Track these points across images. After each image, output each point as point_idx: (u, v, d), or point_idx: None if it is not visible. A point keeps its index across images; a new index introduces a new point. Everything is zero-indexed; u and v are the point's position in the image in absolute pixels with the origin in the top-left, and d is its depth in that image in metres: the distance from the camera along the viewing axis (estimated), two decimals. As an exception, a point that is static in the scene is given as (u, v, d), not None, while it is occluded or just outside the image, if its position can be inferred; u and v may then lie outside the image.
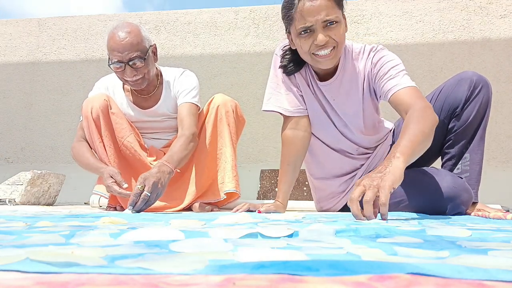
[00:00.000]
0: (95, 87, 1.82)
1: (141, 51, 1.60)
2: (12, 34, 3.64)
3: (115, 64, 1.59)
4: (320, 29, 1.25)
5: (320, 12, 1.23)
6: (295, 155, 1.47)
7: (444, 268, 0.36)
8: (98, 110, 1.66)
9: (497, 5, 3.08)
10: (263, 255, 0.43)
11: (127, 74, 1.60)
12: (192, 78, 1.78)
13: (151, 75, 1.68)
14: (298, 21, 1.27)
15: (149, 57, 1.64)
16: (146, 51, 1.62)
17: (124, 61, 1.58)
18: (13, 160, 3.53)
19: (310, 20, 1.24)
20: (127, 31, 1.59)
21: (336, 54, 1.31)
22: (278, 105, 1.47)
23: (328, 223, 0.84)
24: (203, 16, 3.44)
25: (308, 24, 1.25)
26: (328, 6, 1.23)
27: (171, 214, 1.33)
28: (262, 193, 2.58)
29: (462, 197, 1.30)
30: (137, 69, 1.60)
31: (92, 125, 1.66)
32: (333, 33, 1.26)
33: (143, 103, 1.78)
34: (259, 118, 3.21)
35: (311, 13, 1.23)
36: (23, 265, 0.37)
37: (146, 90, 1.76)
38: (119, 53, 1.57)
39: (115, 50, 1.58)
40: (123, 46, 1.57)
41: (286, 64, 1.43)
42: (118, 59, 1.58)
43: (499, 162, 2.97)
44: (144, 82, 1.65)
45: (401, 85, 1.31)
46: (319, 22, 1.24)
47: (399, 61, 1.39)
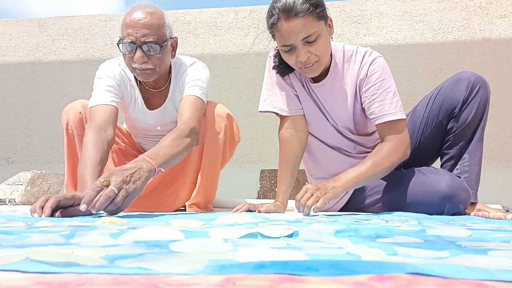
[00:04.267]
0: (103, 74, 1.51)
1: (159, 37, 1.38)
2: (12, 34, 3.64)
3: (126, 45, 1.37)
4: (300, 46, 1.27)
5: (299, 31, 1.24)
6: (293, 154, 1.47)
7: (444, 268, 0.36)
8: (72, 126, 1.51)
9: (497, 5, 3.08)
10: (263, 255, 0.43)
11: (136, 59, 1.37)
12: (202, 70, 1.54)
13: (163, 69, 1.46)
14: (279, 40, 1.29)
15: (166, 48, 1.42)
16: (165, 40, 1.41)
17: (137, 43, 1.35)
18: (13, 160, 3.53)
19: (289, 40, 1.26)
20: (149, 12, 1.37)
21: (319, 65, 1.33)
22: (274, 105, 1.47)
23: (328, 223, 0.84)
24: (203, 16, 3.44)
25: (288, 43, 1.27)
26: (306, 24, 1.23)
27: (171, 214, 1.33)
28: (262, 193, 2.57)
29: (460, 197, 1.30)
30: (149, 57, 1.38)
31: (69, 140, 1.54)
32: (313, 48, 1.27)
33: (151, 100, 1.57)
34: (259, 118, 3.21)
35: (289, 34, 1.25)
36: (23, 265, 0.37)
37: (156, 84, 1.54)
38: (134, 32, 1.35)
39: (130, 27, 1.35)
40: (140, 26, 1.35)
41: (278, 65, 1.44)
42: (131, 39, 1.35)
43: (499, 162, 2.97)
44: (154, 74, 1.43)
45: (388, 116, 1.36)
46: (298, 41, 1.25)
47: (391, 79, 1.39)
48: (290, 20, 1.23)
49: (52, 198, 1.01)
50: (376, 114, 1.38)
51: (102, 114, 1.39)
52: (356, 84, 1.42)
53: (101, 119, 1.37)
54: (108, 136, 1.34)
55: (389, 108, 1.36)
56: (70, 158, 1.57)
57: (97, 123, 1.35)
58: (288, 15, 1.23)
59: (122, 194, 1.00)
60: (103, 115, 1.38)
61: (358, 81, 1.41)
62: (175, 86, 1.55)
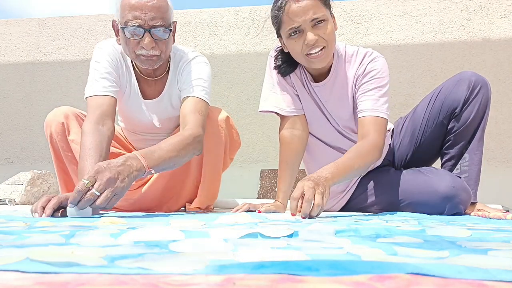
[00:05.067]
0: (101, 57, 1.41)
1: (167, 21, 1.29)
2: (12, 34, 3.64)
3: (132, 29, 1.24)
4: (308, 28, 1.27)
5: (307, 12, 1.25)
6: (293, 154, 1.47)
7: (444, 268, 0.36)
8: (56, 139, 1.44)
9: (497, 5, 3.08)
10: (263, 255, 0.43)
11: (145, 44, 1.26)
12: (204, 68, 1.45)
13: (167, 55, 1.38)
14: (287, 23, 1.29)
15: (171, 33, 1.34)
16: (171, 22, 1.33)
17: (145, 27, 1.24)
18: (13, 160, 3.53)
19: (298, 20, 1.26)
20: None
21: (327, 53, 1.31)
22: (274, 105, 1.47)
23: (328, 223, 0.84)
24: (203, 16, 3.44)
25: (296, 25, 1.27)
26: (314, 6, 1.25)
27: (171, 214, 1.33)
28: (262, 193, 2.57)
29: (460, 197, 1.30)
30: (157, 42, 1.28)
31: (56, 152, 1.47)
32: (321, 31, 1.28)
33: (146, 89, 1.48)
34: (259, 118, 3.21)
35: (298, 14, 1.25)
36: (23, 265, 0.37)
37: (153, 72, 1.44)
38: (142, 15, 1.23)
39: (136, 9, 1.23)
40: (148, 8, 1.23)
41: (279, 65, 1.44)
42: (139, 23, 1.23)
43: (499, 162, 2.97)
44: (159, 61, 1.34)
45: (371, 111, 1.34)
46: (307, 22, 1.26)
47: (387, 80, 1.39)
48: (299, 1, 1.24)
49: (55, 199, 1.00)
50: (361, 107, 1.37)
51: (100, 107, 1.32)
52: (354, 84, 1.42)
53: (99, 112, 1.30)
54: (107, 130, 1.27)
55: (374, 105, 1.35)
56: (61, 171, 1.50)
57: (95, 117, 1.28)
58: None
59: (105, 195, 0.97)
60: (101, 107, 1.31)
61: (355, 80, 1.41)
62: (173, 79, 1.47)
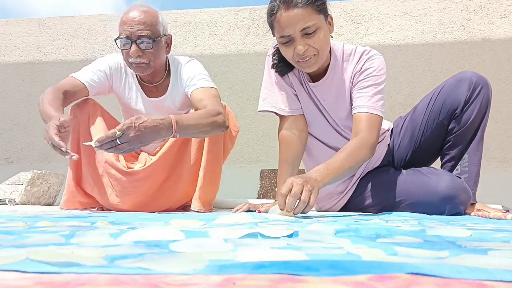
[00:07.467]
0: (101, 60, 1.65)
1: (153, 33, 1.50)
2: (12, 34, 3.64)
3: (122, 40, 1.50)
4: (298, 38, 1.25)
5: (297, 22, 1.23)
6: (293, 154, 1.46)
7: (444, 268, 0.36)
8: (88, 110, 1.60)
9: (497, 5, 3.08)
10: (263, 255, 0.43)
11: (131, 53, 1.49)
12: (200, 66, 1.66)
13: (158, 63, 1.57)
14: (278, 31, 1.28)
15: (159, 43, 1.54)
16: (158, 35, 1.53)
17: (132, 38, 1.48)
18: (13, 160, 3.53)
19: (287, 30, 1.25)
20: (144, 10, 1.51)
21: (317, 60, 1.31)
22: (273, 105, 1.47)
23: (328, 223, 0.84)
24: (203, 16, 3.44)
25: (286, 34, 1.26)
26: (305, 15, 1.23)
27: (171, 214, 1.33)
28: (262, 193, 2.57)
29: (460, 197, 1.30)
30: (144, 51, 1.50)
31: None
32: (312, 41, 1.26)
33: (149, 94, 1.67)
34: (259, 118, 3.21)
35: (288, 24, 1.24)
36: (23, 265, 0.37)
37: (152, 78, 1.63)
38: (129, 28, 1.48)
39: (126, 24, 1.49)
40: (135, 22, 1.48)
41: (276, 63, 1.44)
42: (126, 34, 1.49)
43: (499, 162, 2.97)
44: (148, 68, 1.54)
45: (365, 108, 1.34)
46: (297, 32, 1.24)
47: (383, 78, 1.39)
48: (290, 10, 1.23)
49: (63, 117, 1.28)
50: (356, 104, 1.37)
51: (70, 84, 1.56)
52: (351, 82, 1.42)
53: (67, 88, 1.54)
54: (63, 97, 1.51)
55: (369, 102, 1.35)
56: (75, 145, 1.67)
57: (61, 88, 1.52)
58: (287, 5, 1.23)
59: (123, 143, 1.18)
60: (70, 85, 1.55)
61: (353, 76, 1.41)
62: (175, 80, 1.64)
